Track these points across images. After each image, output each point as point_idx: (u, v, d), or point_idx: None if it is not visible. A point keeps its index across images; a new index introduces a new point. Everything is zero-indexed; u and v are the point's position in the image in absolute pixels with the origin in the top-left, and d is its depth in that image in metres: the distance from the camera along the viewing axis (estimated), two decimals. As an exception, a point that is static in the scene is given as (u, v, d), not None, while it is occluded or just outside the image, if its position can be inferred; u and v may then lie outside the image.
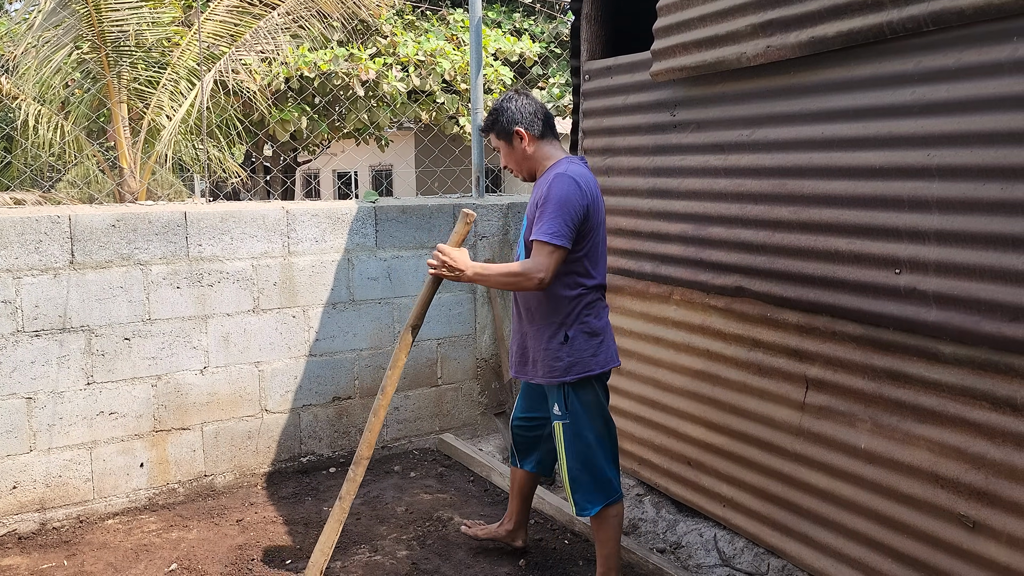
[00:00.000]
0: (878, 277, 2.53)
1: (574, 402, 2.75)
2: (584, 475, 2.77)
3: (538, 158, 2.83)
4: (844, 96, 2.64)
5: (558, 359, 2.73)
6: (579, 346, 2.73)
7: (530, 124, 2.80)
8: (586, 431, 2.77)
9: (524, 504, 3.17)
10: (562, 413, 2.77)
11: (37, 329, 3.39)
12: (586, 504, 2.79)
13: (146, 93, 7.11)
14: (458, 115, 10.57)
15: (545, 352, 2.76)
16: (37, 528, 3.44)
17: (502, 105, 2.82)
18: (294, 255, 3.99)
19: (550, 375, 2.76)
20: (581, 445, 2.76)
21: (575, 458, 2.77)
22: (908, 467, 2.49)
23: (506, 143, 2.83)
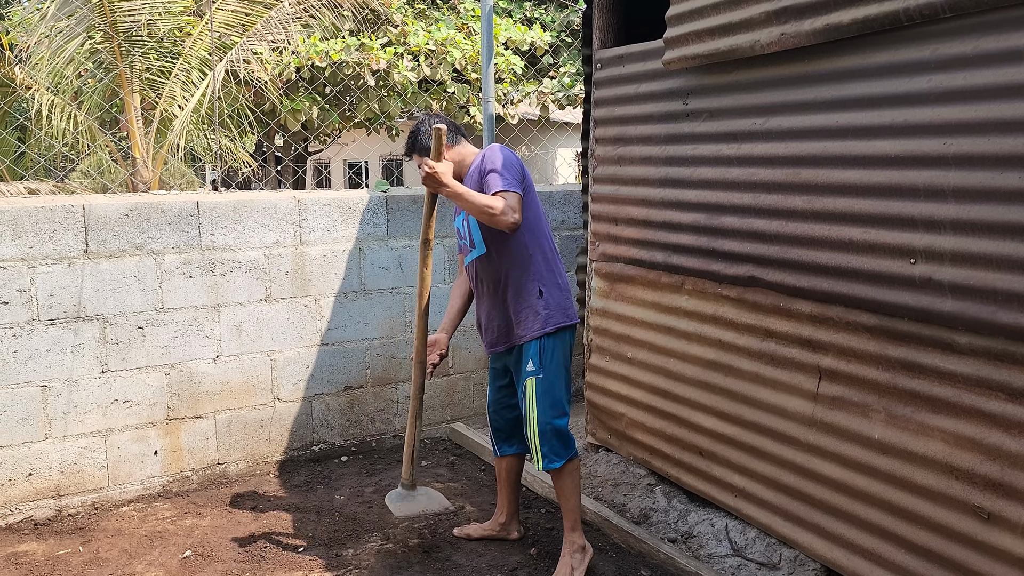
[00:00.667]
0: (893, 267, 2.51)
1: (548, 354, 2.92)
2: (551, 429, 2.91)
3: (460, 158, 3.04)
4: (859, 84, 2.61)
5: (537, 312, 2.93)
6: (552, 298, 2.95)
7: (449, 137, 3.02)
8: (556, 385, 2.94)
9: (514, 493, 3.23)
10: (536, 368, 2.92)
11: (52, 318, 3.42)
12: (554, 457, 2.92)
13: (158, 83, 7.12)
14: (469, 104, 10.54)
15: (526, 310, 2.94)
16: (53, 515, 3.47)
17: (415, 128, 3.09)
18: (306, 244, 4.00)
19: (532, 330, 2.92)
20: (551, 399, 2.92)
21: (545, 412, 2.91)
22: (922, 458, 2.48)
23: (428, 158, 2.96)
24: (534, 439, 2.93)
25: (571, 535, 2.97)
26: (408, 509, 3.37)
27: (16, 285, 3.33)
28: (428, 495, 3.47)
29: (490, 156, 2.92)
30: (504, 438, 3.20)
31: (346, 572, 2.99)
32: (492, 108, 4.54)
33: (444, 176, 2.82)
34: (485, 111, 4.57)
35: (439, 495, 3.51)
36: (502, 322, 3.00)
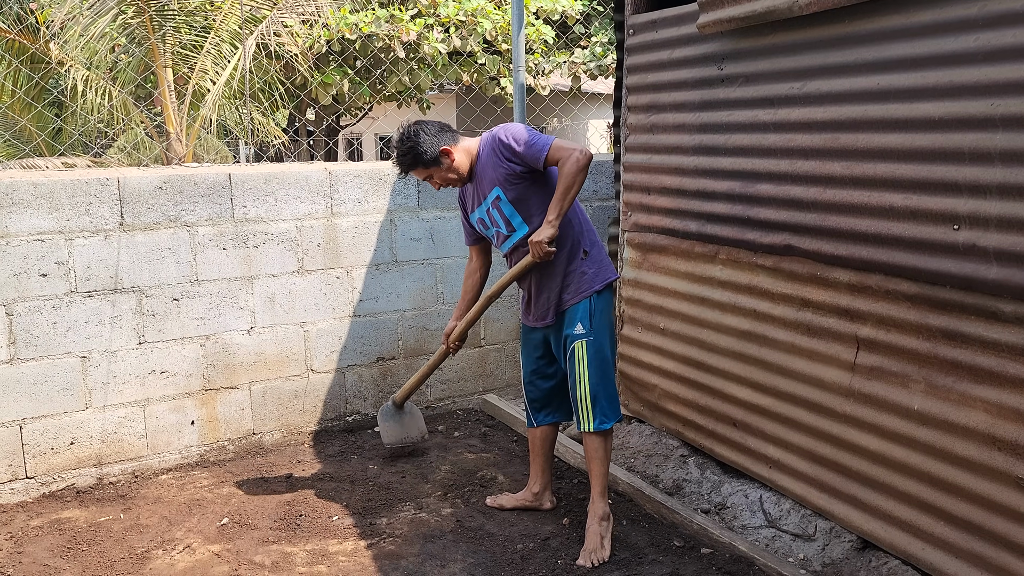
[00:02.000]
0: (935, 233, 2.44)
1: (598, 315, 2.93)
2: (603, 390, 2.94)
3: (465, 154, 2.97)
4: (902, 44, 2.53)
5: (584, 273, 2.94)
6: (596, 256, 2.98)
7: (446, 138, 2.93)
8: (606, 346, 2.96)
9: (547, 463, 3.23)
10: (586, 330, 2.92)
11: (90, 290, 3.47)
12: (605, 419, 2.94)
13: (190, 57, 7.15)
14: (499, 76, 10.45)
15: (573, 273, 2.94)
16: (94, 482, 3.55)
17: (410, 140, 2.89)
18: (337, 216, 4.00)
19: (582, 291, 2.93)
20: (601, 361, 2.94)
21: (596, 373, 2.92)
22: (964, 429, 2.43)
23: (436, 168, 2.94)
24: (585, 401, 2.93)
25: (599, 501, 2.97)
26: (393, 435, 3.71)
27: (54, 258, 3.38)
28: (412, 414, 3.77)
29: (500, 139, 2.87)
30: (539, 408, 3.19)
31: (380, 540, 3.02)
32: (523, 77, 4.48)
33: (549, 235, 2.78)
34: (516, 81, 4.51)
35: (419, 416, 3.80)
36: (552, 293, 2.98)
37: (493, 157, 2.90)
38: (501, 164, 2.89)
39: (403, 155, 2.93)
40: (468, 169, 2.98)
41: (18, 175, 3.40)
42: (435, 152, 2.90)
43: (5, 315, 3.32)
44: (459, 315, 3.27)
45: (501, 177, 2.90)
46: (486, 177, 2.94)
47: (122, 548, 2.99)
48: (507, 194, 2.91)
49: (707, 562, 2.85)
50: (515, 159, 2.86)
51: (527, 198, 2.91)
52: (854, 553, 2.84)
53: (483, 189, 2.98)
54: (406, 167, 2.95)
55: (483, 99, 10.64)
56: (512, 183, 2.89)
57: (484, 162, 2.94)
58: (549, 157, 2.79)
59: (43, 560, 2.91)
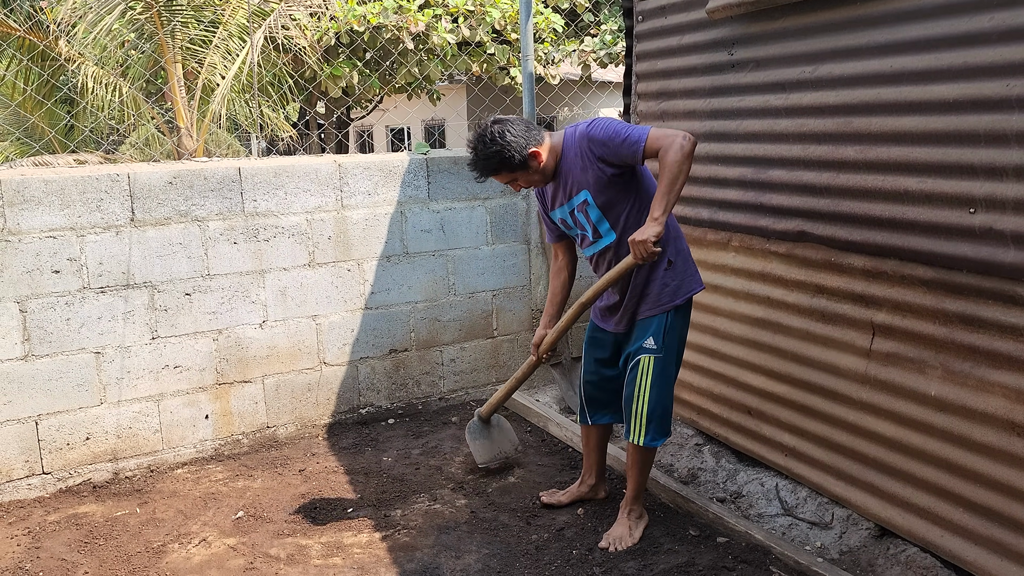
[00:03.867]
0: (951, 217, 2.41)
1: (672, 332, 2.79)
2: (661, 410, 2.83)
3: (550, 153, 2.74)
4: (915, 26, 2.49)
5: (666, 285, 2.77)
6: (681, 267, 2.80)
7: (534, 138, 2.70)
8: (672, 365, 2.83)
9: (602, 456, 3.17)
10: (657, 347, 2.78)
11: (102, 286, 3.48)
12: (658, 436, 2.84)
13: (199, 52, 7.16)
14: (509, 66, 10.41)
15: (654, 284, 2.77)
16: (110, 477, 3.57)
17: (496, 143, 2.64)
18: (347, 209, 4.00)
19: (661, 304, 2.78)
20: (665, 379, 2.81)
21: (658, 392, 2.80)
22: (982, 414, 2.40)
23: (523, 172, 2.73)
24: (641, 417, 2.81)
25: (633, 503, 2.95)
26: (486, 452, 3.51)
27: (67, 254, 3.40)
28: (501, 427, 3.58)
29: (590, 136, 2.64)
30: (598, 407, 3.07)
31: (395, 532, 3.03)
32: (532, 66, 4.45)
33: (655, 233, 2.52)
34: (525, 70, 4.48)
35: (509, 428, 3.60)
36: (631, 303, 2.82)
37: (581, 157, 2.68)
38: (591, 166, 2.66)
39: (487, 158, 2.67)
40: (553, 167, 2.76)
41: (29, 172, 3.41)
42: (524, 155, 2.66)
43: (19, 312, 3.34)
44: (547, 321, 3.05)
45: (591, 180, 2.69)
46: (572, 177, 2.73)
47: (139, 542, 3.00)
48: (596, 199, 2.71)
49: (723, 551, 2.83)
50: (608, 157, 2.63)
51: (617, 204, 2.71)
52: (872, 541, 2.82)
53: (568, 189, 2.77)
54: (490, 171, 2.70)
55: (493, 89, 10.60)
56: (602, 187, 2.68)
57: (571, 161, 2.72)
58: (648, 148, 2.54)
59: (60, 555, 2.93)
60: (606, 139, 2.62)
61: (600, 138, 2.64)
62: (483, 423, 3.50)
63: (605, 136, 2.63)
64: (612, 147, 2.62)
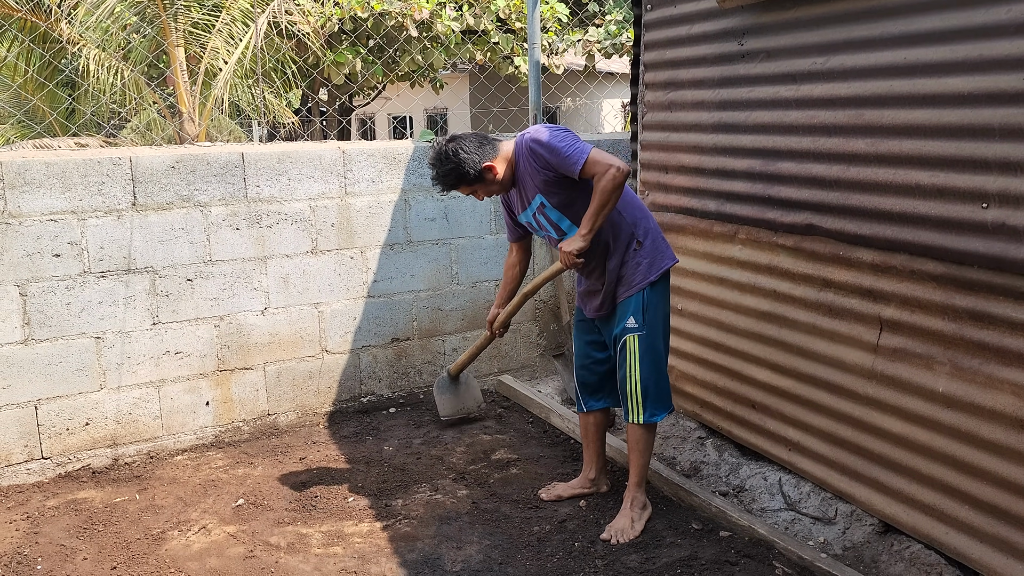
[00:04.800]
0: (963, 212, 2.38)
1: (652, 309, 2.87)
2: (654, 384, 2.89)
3: (505, 163, 2.87)
4: (930, 17, 2.45)
5: (638, 264, 2.87)
6: (649, 245, 2.89)
7: (487, 153, 2.83)
8: (658, 340, 2.91)
9: (602, 447, 3.18)
10: (638, 324, 2.86)
11: (103, 270, 3.45)
12: (657, 411, 2.91)
13: (202, 36, 7.10)
14: (513, 55, 10.35)
15: (628, 266, 2.88)
16: (110, 463, 3.56)
17: (450, 161, 2.79)
18: (351, 196, 3.97)
19: (635, 284, 2.87)
20: (653, 355, 2.89)
21: (649, 368, 2.88)
22: (990, 412, 2.38)
23: (480, 184, 2.86)
24: (635, 395, 2.88)
25: (636, 491, 2.96)
26: (449, 407, 3.82)
27: (67, 238, 3.37)
28: (468, 384, 3.85)
29: (532, 146, 2.77)
30: (591, 392, 3.12)
31: (396, 522, 3.01)
32: (538, 54, 4.41)
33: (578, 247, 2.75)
34: (531, 58, 4.45)
35: (475, 386, 3.88)
36: (609, 287, 2.92)
37: (529, 164, 2.82)
38: (538, 172, 2.80)
39: (445, 175, 2.83)
40: (510, 176, 2.90)
41: (30, 154, 3.38)
42: (477, 169, 2.81)
43: (19, 296, 3.31)
44: (500, 302, 3.26)
45: (540, 184, 2.82)
46: (527, 184, 2.87)
47: (138, 529, 2.99)
48: (550, 200, 2.84)
49: (726, 545, 2.82)
50: (549, 168, 2.77)
51: (572, 202, 2.83)
52: (875, 537, 2.80)
53: (527, 194, 2.90)
54: (449, 186, 2.87)
55: (497, 78, 10.54)
56: (553, 190, 2.82)
57: (523, 169, 2.86)
58: (584, 171, 2.69)
59: (59, 540, 2.92)
60: (546, 152, 2.75)
61: (540, 151, 2.76)
62: (452, 379, 3.79)
63: (546, 149, 2.75)
64: (553, 160, 2.75)
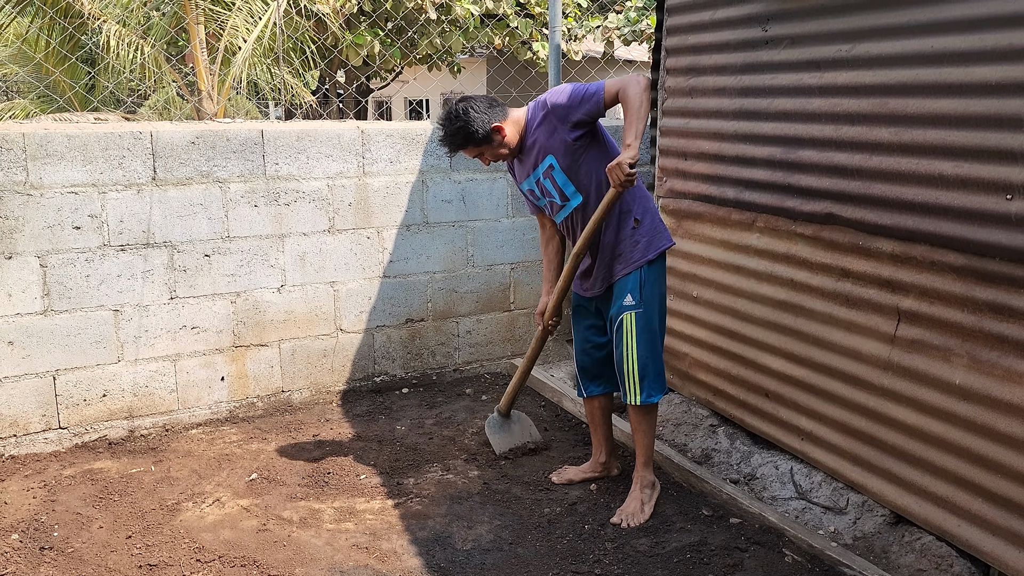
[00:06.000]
0: (987, 203, 2.36)
1: (648, 287, 2.86)
2: (651, 364, 2.88)
3: (515, 127, 2.86)
4: (959, 5, 2.42)
5: (636, 243, 2.86)
6: (648, 224, 2.89)
7: (496, 114, 2.83)
8: (654, 318, 2.89)
9: (608, 430, 3.17)
10: (636, 302, 2.85)
11: (122, 244, 3.47)
12: (653, 392, 2.89)
13: (222, 15, 7.10)
14: (531, 40, 10.30)
15: (625, 242, 2.87)
16: (126, 435, 3.59)
17: (459, 119, 2.80)
18: (369, 176, 3.97)
19: (633, 262, 2.85)
20: (650, 333, 2.87)
21: (646, 346, 2.86)
22: (1008, 405, 2.36)
23: (487, 145, 2.85)
24: (632, 375, 2.86)
25: (643, 471, 2.96)
26: (505, 443, 3.42)
27: (87, 210, 3.39)
28: (520, 422, 3.50)
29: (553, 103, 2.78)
30: (591, 378, 3.12)
31: (407, 500, 3.03)
32: (559, 38, 4.39)
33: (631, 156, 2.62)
34: (551, 41, 4.42)
35: (529, 422, 3.52)
36: (604, 264, 2.91)
37: (546, 124, 2.81)
38: (555, 130, 2.79)
39: (453, 134, 2.83)
40: (518, 141, 2.89)
41: (52, 127, 3.39)
42: (486, 129, 2.81)
43: (39, 267, 3.34)
44: (548, 288, 3.13)
45: (557, 144, 2.80)
46: (538, 145, 2.85)
47: (153, 499, 3.02)
48: (560, 162, 2.82)
49: (736, 532, 2.82)
50: (572, 116, 2.75)
51: (580, 166, 2.82)
52: (886, 527, 2.80)
53: (534, 158, 2.88)
54: (456, 146, 2.86)
55: (515, 63, 10.50)
56: (567, 151, 2.80)
57: (535, 131, 2.84)
58: (607, 94, 2.70)
59: (76, 508, 2.95)
60: (568, 100, 2.76)
61: (562, 102, 2.76)
62: (502, 417, 3.45)
63: (566, 98, 2.76)
64: (574, 105, 2.74)
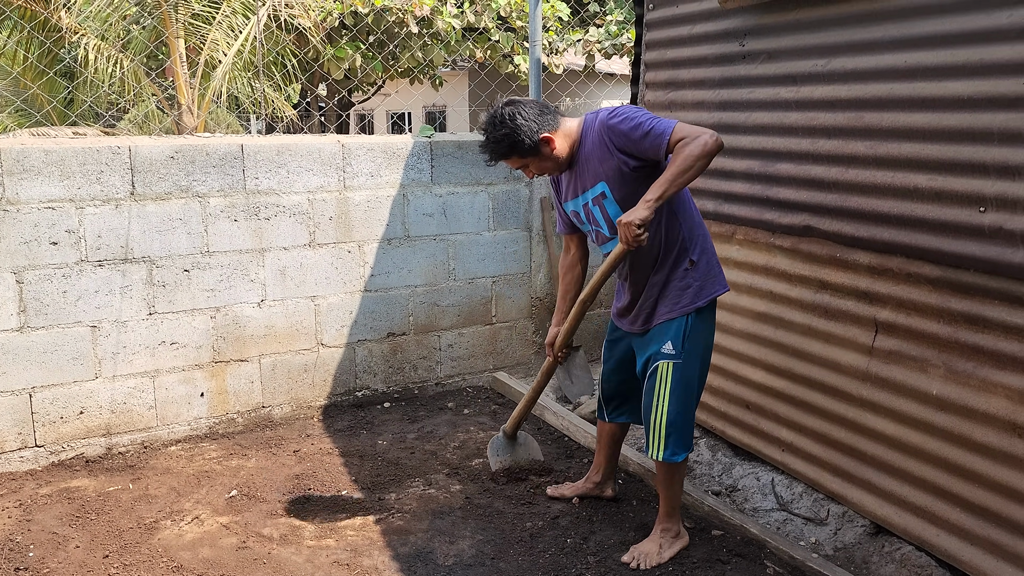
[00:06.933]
0: (960, 215, 2.39)
1: (692, 336, 2.59)
2: (680, 420, 2.62)
3: (565, 139, 2.60)
4: (931, 21, 2.46)
5: (687, 286, 2.59)
6: (704, 267, 2.61)
7: (547, 123, 2.56)
8: (695, 373, 2.63)
9: (613, 455, 3.07)
10: (676, 352, 2.58)
11: (100, 259, 3.45)
12: (679, 451, 2.64)
13: (203, 28, 7.09)
14: (513, 53, 10.35)
15: (674, 284, 2.60)
16: (104, 452, 3.55)
17: (506, 125, 2.52)
18: (349, 190, 3.96)
19: (681, 306, 2.59)
20: (686, 389, 2.62)
21: (678, 402, 2.60)
22: (983, 415, 2.39)
23: (534, 157, 2.59)
24: (659, 429, 2.61)
25: (666, 521, 2.76)
26: (502, 463, 3.29)
27: (65, 226, 3.36)
28: (526, 444, 3.35)
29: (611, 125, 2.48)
30: (616, 406, 2.94)
31: (389, 515, 3.01)
32: (539, 52, 4.42)
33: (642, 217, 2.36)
34: (532, 55, 4.45)
35: (534, 445, 3.38)
36: (648, 302, 2.64)
37: (601, 147, 2.52)
38: (611, 156, 2.50)
39: (497, 141, 2.54)
40: (568, 155, 2.61)
41: (29, 142, 3.37)
42: (535, 140, 2.53)
43: (15, 283, 3.30)
44: (560, 319, 2.88)
45: (610, 171, 2.52)
46: (590, 168, 2.57)
47: (131, 518, 2.98)
48: (614, 192, 2.54)
49: (718, 544, 2.83)
50: (629, 149, 2.46)
51: (636, 198, 2.45)
52: (867, 538, 2.82)
53: (585, 181, 2.61)
54: (500, 155, 2.57)
55: (496, 76, 10.54)
56: (623, 180, 2.52)
57: (589, 150, 2.56)
58: (671, 142, 2.38)
59: (52, 528, 2.91)
60: (628, 130, 2.46)
61: (622, 129, 2.47)
62: (508, 439, 3.30)
63: (628, 127, 2.46)
64: (634, 139, 2.45)
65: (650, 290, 2.63)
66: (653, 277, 2.62)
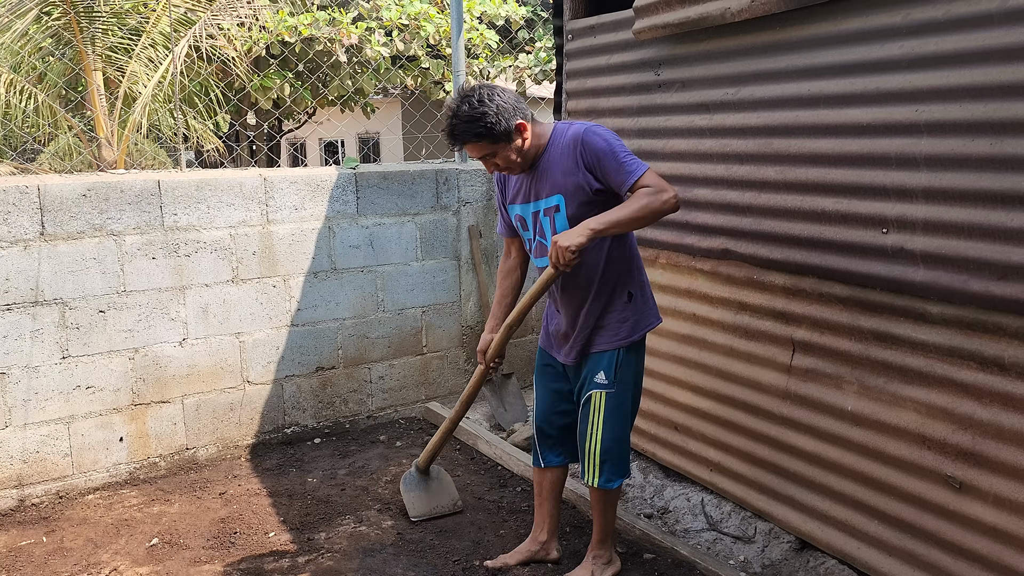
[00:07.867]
0: (865, 237, 2.48)
1: (624, 367, 2.58)
2: (616, 448, 2.61)
3: (535, 139, 2.50)
4: (831, 51, 2.56)
5: (625, 319, 2.57)
6: (640, 301, 2.61)
7: (522, 112, 2.45)
8: (626, 401, 2.63)
9: (557, 508, 2.88)
10: (608, 382, 2.57)
11: (8, 303, 3.31)
12: (614, 478, 2.63)
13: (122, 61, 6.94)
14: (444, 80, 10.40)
15: (611, 315, 2.57)
16: (15, 505, 3.39)
17: (483, 104, 2.37)
18: (273, 223, 3.91)
19: (616, 339, 2.57)
20: (620, 417, 2.61)
21: (612, 430, 2.59)
22: (895, 429, 2.47)
23: (505, 144, 2.44)
24: (594, 456, 2.60)
25: (598, 548, 2.74)
26: (420, 506, 3.20)
27: (-30, 269, 3.23)
28: (440, 480, 3.27)
29: (596, 138, 2.40)
30: (551, 446, 2.81)
31: (318, 556, 2.95)
32: (463, 80, 4.45)
33: (579, 243, 2.30)
34: (455, 84, 4.47)
35: (448, 481, 3.30)
36: (583, 332, 2.60)
37: (569, 159, 2.43)
38: (576, 171, 2.43)
39: (471, 120, 2.36)
40: (528, 161, 2.50)
41: (-70, 183, 3.23)
42: (511, 125, 2.39)
43: (-83, 331, 3.15)
44: (494, 325, 2.76)
45: (571, 187, 2.45)
46: (549, 177, 2.48)
47: (44, 574, 2.85)
48: (568, 208, 2.47)
49: (649, 568, 2.84)
50: (597, 171, 2.41)
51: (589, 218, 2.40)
52: (792, 554, 2.87)
53: (540, 188, 2.52)
54: (471, 135, 2.39)
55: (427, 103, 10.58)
56: (581, 198, 2.45)
57: (554, 158, 2.47)
58: (637, 184, 2.34)
59: (-42, 588, 2.77)
60: (604, 153, 2.39)
61: (598, 148, 2.39)
62: (420, 474, 3.21)
63: (604, 149, 2.39)
64: (604, 164, 2.39)
65: (586, 319, 2.59)
66: (590, 305, 2.58)
